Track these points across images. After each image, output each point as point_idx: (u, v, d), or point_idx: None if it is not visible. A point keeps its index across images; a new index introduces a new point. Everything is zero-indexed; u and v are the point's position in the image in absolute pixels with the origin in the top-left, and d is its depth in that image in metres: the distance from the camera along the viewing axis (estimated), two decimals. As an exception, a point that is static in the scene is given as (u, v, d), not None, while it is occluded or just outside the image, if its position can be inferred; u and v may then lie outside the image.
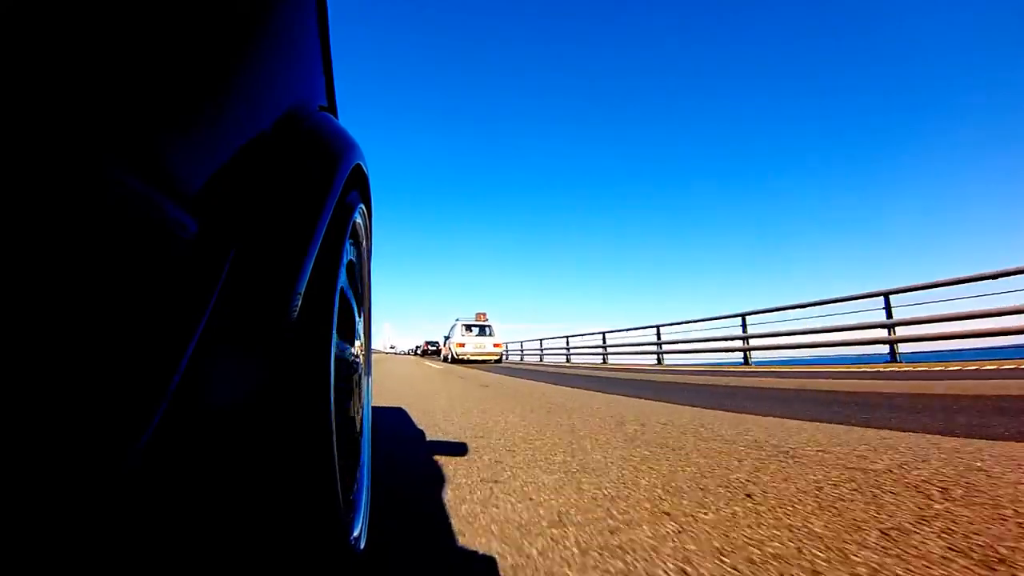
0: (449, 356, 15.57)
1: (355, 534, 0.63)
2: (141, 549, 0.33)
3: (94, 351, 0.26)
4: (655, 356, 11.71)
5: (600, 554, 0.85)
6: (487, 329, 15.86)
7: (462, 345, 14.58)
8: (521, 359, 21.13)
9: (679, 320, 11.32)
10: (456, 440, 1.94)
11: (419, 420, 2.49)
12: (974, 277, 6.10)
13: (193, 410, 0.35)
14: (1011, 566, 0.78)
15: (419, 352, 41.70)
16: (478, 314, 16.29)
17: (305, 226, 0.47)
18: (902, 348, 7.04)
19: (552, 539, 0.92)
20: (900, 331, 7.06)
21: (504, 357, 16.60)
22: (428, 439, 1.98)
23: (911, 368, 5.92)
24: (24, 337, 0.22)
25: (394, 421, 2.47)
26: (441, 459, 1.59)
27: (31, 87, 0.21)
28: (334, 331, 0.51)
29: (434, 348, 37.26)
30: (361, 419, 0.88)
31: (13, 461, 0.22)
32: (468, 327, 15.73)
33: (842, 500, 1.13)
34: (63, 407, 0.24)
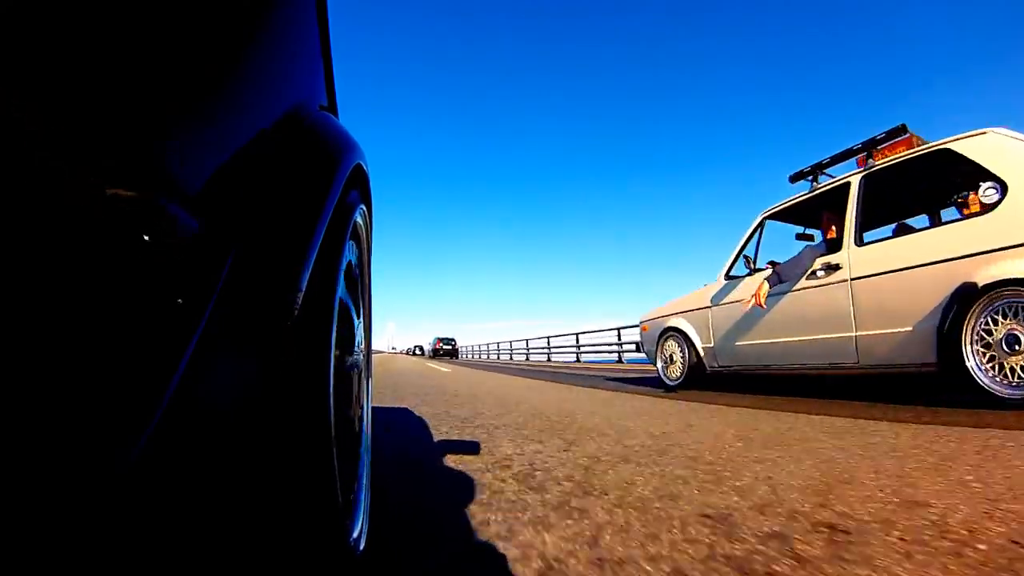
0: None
1: (354, 535, 0.63)
2: (140, 549, 0.33)
3: (95, 351, 0.26)
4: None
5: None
6: None
7: None
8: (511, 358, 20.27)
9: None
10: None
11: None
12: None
13: (192, 410, 0.35)
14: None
15: (429, 352, 35.13)
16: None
17: (306, 226, 0.47)
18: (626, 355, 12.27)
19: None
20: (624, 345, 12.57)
21: None
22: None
23: (623, 366, 10.12)
24: (25, 337, 0.22)
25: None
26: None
27: (33, 88, 0.21)
28: (334, 331, 0.51)
29: (449, 347, 32.19)
30: (361, 419, 0.88)
31: (13, 461, 0.22)
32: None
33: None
34: (63, 407, 0.24)
